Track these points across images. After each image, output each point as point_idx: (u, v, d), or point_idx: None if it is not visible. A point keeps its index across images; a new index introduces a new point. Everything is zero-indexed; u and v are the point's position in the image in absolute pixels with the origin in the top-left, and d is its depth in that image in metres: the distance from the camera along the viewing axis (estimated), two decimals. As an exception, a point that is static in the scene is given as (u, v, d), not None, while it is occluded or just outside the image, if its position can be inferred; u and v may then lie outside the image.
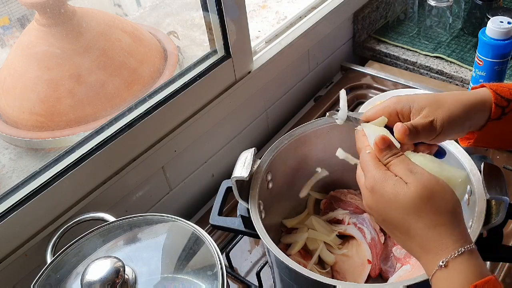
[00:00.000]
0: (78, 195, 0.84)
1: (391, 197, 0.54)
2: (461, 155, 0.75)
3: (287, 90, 1.24)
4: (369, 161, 0.58)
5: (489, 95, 0.64)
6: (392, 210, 0.54)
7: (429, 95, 0.64)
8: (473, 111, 0.63)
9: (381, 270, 0.83)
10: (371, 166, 0.57)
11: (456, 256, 0.50)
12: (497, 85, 0.65)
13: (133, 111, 0.90)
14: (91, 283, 0.59)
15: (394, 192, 0.54)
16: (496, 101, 0.63)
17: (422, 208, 0.52)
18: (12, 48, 0.95)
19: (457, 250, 0.50)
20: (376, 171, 0.56)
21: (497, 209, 0.67)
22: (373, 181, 0.56)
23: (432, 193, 0.53)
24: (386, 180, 0.55)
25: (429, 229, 0.52)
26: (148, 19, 1.23)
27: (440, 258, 0.51)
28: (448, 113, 0.61)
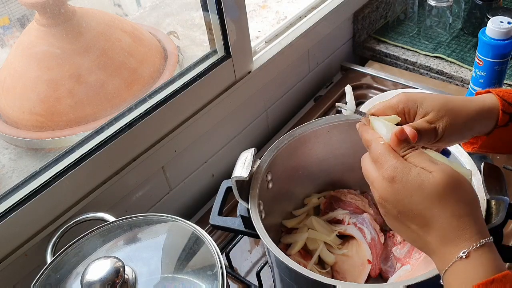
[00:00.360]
0: (78, 195, 0.84)
1: (415, 186, 0.53)
2: (461, 155, 0.75)
3: (287, 90, 1.24)
4: (385, 152, 0.56)
5: (496, 102, 0.64)
6: (415, 199, 0.53)
7: (439, 98, 0.63)
8: (478, 120, 0.63)
9: (381, 270, 0.83)
10: (390, 156, 0.55)
11: (478, 248, 0.50)
12: (503, 91, 0.65)
13: (133, 111, 0.90)
14: (91, 283, 0.59)
15: (420, 181, 0.53)
16: (503, 108, 0.63)
17: (448, 197, 0.52)
18: (12, 48, 0.95)
19: (479, 241, 0.50)
20: (396, 161, 0.55)
21: (497, 209, 0.67)
22: (393, 170, 0.54)
23: (457, 183, 0.52)
24: (409, 170, 0.53)
25: (454, 218, 0.51)
26: (148, 19, 1.23)
27: (461, 249, 0.50)
28: (452, 122, 0.61)
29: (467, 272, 0.50)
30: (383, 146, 0.57)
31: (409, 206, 0.53)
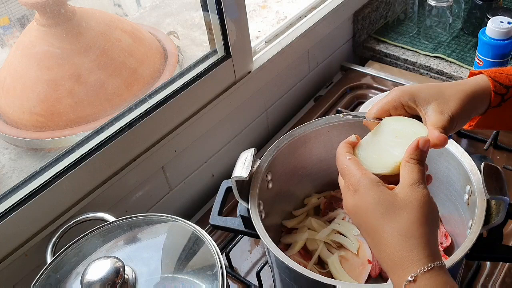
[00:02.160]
0: (78, 195, 0.84)
1: (374, 201, 0.54)
2: (461, 155, 0.75)
3: (287, 90, 1.24)
4: (352, 166, 0.58)
5: (488, 83, 0.64)
6: (370, 214, 0.54)
7: (431, 87, 0.63)
8: (476, 100, 0.63)
9: (381, 270, 0.83)
10: (356, 171, 0.57)
11: (426, 272, 0.49)
12: (495, 72, 0.65)
13: (133, 111, 0.90)
14: (91, 283, 0.59)
15: (379, 197, 0.54)
16: (495, 89, 0.64)
17: (402, 217, 0.52)
18: (12, 48, 0.95)
19: (427, 265, 0.50)
20: (362, 176, 0.56)
21: (497, 209, 0.67)
22: (357, 184, 0.56)
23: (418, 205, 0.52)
24: (373, 185, 0.55)
25: (402, 237, 0.51)
26: (148, 19, 1.23)
27: (409, 273, 0.50)
28: (459, 106, 0.61)
29: None
30: (350, 161, 0.58)
31: (365, 219, 0.54)
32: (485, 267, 0.87)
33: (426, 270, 0.49)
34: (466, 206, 0.74)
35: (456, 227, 0.80)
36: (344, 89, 1.28)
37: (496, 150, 1.07)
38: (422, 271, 0.49)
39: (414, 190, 0.53)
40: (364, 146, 0.63)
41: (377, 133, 0.64)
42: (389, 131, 0.63)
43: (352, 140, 0.63)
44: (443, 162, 0.79)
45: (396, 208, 0.53)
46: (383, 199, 0.53)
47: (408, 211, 0.52)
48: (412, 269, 0.50)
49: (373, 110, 0.65)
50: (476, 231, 0.65)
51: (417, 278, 0.49)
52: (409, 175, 0.55)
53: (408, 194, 0.53)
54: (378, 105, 0.64)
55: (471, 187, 0.71)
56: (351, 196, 0.56)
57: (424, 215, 0.52)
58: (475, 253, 0.67)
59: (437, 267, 0.50)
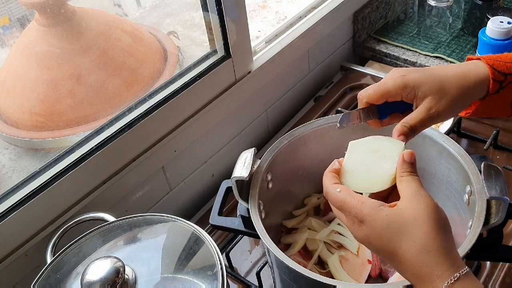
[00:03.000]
0: (78, 195, 0.84)
1: (384, 226, 0.53)
2: (461, 155, 0.75)
3: (287, 90, 1.24)
4: (346, 198, 0.56)
5: (487, 71, 0.64)
6: (384, 239, 0.53)
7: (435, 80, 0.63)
8: (474, 92, 0.64)
9: (381, 270, 0.83)
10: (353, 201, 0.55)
11: (453, 282, 0.49)
12: (494, 59, 0.65)
13: (133, 111, 0.90)
14: (91, 283, 0.59)
15: (387, 220, 0.53)
16: (493, 77, 0.64)
17: (415, 233, 0.51)
18: (12, 48, 0.95)
19: (453, 275, 0.49)
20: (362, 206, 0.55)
21: (497, 209, 0.67)
22: (360, 214, 0.54)
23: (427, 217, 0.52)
24: (377, 212, 0.54)
25: (422, 254, 0.51)
26: (148, 19, 1.23)
27: (437, 284, 0.49)
28: (451, 103, 0.62)
29: None
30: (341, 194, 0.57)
31: (381, 246, 0.54)
32: (485, 267, 0.87)
33: (453, 281, 0.49)
34: (466, 206, 0.74)
35: (456, 227, 0.80)
36: (344, 89, 1.28)
37: (496, 150, 1.07)
38: (449, 284, 0.49)
39: (418, 201, 0.53)
40: (350, 171, 0.62)
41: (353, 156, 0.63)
42: (366, 151, 0.62)
43: (336, 167, 0.62)
44: (443, 162, 0.79)
45: (407, 225, 0.52)
46: (391, 221, 0.53)
47: (420, 225, 0.51)
48: (440, 283, 0.49)
49: (367, 94, 0.65)
50: (476, 231, 0.65)
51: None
52: (407, 188, 0.55)
53: (414, 207, 0.53)
54: (374, 90, 0.64)
55: (471, 187, 0.71)
56: (358, 228, 0.55)
57: (436, 224, 0.52)
58: (475, 253, 0.67)
59: (463, 276, 0.49)
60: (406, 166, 0.57)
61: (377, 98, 0.65)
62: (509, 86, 0.65)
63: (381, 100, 0.65)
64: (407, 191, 0.55)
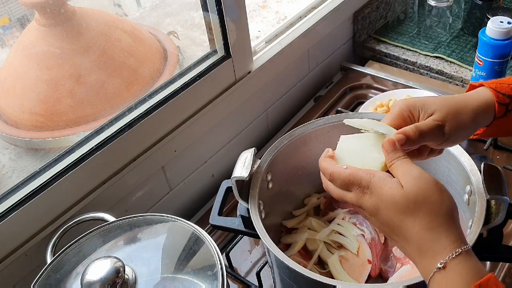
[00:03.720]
0: (78, 195, 0.84)
1: (389, 201, 0.54)
2: (461, 155, 0.75)
3: (287, 90, 1.24)
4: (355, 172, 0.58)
5: (491, 95, 0.64)
6: (390, 213, 0.54)
7: (440, 99, 0.64)
8: (480, 116, 0.64)
9: (381, 270, 0.83)
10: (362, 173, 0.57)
11: (454, 257, 0.50)
12: (496, 83, 0.66)
13: (133, 111, 0.90)
14: (91, 283, 0.59)
15: (392, 196, 0.54)
16: (498, 100, 0.64)
17: (418, 210, 0.53)
18: (12, 48, 0.95)
19: (454, 251, 0.51)
20: (371, 175, 0.56)
21: (497, 209, 0.67)
22: (370, 184, 0.56)
23: (428, 195, 0.53)
24: (383, 185, 0.55)
25: (426, 231, 0.52)
26: (148, 19, 1.23)
27: (438, 260, 0.51)
28: (458, 120, 0.62)
29: (447, 281, 0.51)
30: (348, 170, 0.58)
31: (387, 219, 0.55)
32: (485, 267, 0.87)
33: (455, 256, 0.51)
34: (466, 206, 0.74)
35: (456, 227, 0.80)
36: (344, 89, 1.28)
37: (496, 150, 1.07)
38: (450, 257, 0.50)
39: (417, 182, 0.54)
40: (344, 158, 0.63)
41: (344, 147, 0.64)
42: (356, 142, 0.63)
43: (330, 154, 0.64)
44: (443, 162, 0.79)
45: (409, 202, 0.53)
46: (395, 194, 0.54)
47: (425, 204, 0.53)
48: (441, 257, 0.51)
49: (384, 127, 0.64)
50: (476, 231, 0.65)
51: (446, 264, 0.51)
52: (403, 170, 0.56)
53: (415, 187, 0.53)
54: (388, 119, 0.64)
55: (471, 187, 0.71)
56: (368, 199, 0.56)
57: (440, 203, 0.53)
58: (475, 253, 0.67)
59: (465, 252, 0.51)
60: (391, 155, 0.58)
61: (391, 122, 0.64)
62: None
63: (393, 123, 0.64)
64: (403, 173, 0.55)
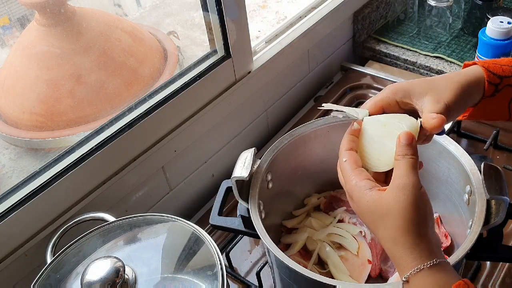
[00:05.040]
0: (78, 195, 0.84)
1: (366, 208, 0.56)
2: (461, 155, 0.75)
3: (287, 90, 1.24)
4: (347, 170, 0.59)
5: (482, 73, 0.64)
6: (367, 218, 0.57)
7: (426, 80, 0.63)
8: (471, 91, 0.64)
9: (381, 270, 0.83)
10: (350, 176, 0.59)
11: (416, 273, 0.52)
12: (489, 62, 0.65)
13: (133, 111, 0.90)
14: (91, 283, 0.59)
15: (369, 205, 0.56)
16: (488, 79, 0.64)
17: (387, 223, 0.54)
18: (12, 48, 0.95)
19: (416, 267, 0.52)
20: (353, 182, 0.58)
21: (497, 209, 0.67)
22: (351, 191, 0.58)
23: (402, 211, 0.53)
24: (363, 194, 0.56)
25: (392, 244, 0.54)
26: (148, 19, 1.23)
27: (403, 273, 0.53)
28: (454, 95, 0.61)
29: None
30: (346, 163, 0.60)
31: (366, 223, 0.58)
32: (485, 267, 0.87)
33: (416, 272, 0.52)
34: (466, 206, 0.74)
35: (456, 227, 0.80)
36: (344, 89, 1.28)
37: (496, 150, 1.07)
38: (412, 273, 0.52)
39: (399, 192, 0.54)
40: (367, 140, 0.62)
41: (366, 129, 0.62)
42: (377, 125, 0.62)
43: (355, 127, 0.63)
44: (443, 162, 0.79)
45: (382, 215, 0.55)
46: (371, 207, 0.56)
47: (392, 218, 0.54)
48: (405, 270, 0.53)
49: (366, 106, 0.65)
50: (476, 231, 0.65)
51: (409, 279, 0.52)
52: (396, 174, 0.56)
53: (393, 198, 0.54)
54: (370, 102, 0.64)
55: (471, 187, 0.71)
56: (350, 201, 0.60)
57: (408, 221, 0.53)
58: (475, 253, 0.67)
59: (427, 268, 0.51)
60: (401, 149, 0.57)
61: (372, 109, 0.64)
62: (505, 89, 0.65)
63: (379, 110, 0.64)
64: (394, 178, 0.56)
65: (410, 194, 0.54)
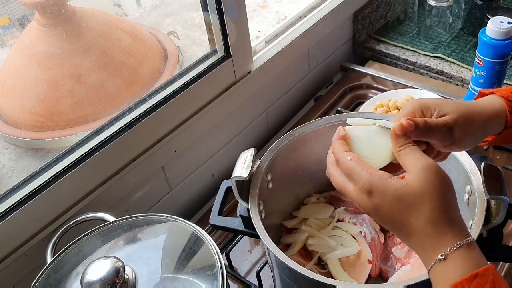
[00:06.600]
0: (78, 195, 0.84)
1: (393, 199, 0.54)
2: (461, 155, 0.75)
3: (287, 90, 1.24)
4: (357, 167, 0.57)
5: (503, 104, 0.64)
6: (394, 211, 0.54)
7: (454, 103, 0.63)
8: (490, 124, 0.64)
9: (381, 270, 0.83)
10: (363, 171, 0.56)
11: (455, 250, 0.51)
12: (507, 92, 0.65)
13: (133, 111, 0.90)
14: (91, 283, 0.59)
15: (396, 194, 0.53)
16: (510, 109, 0.64)
17: (423, 206, 0.53)
18: (12, 48, 0.95)
19: (456, 243, 0.51)
20: (371, 176, 0.55)
21: (497, 209, 0.67)
22: (370, 185, 0.55)
23: (433, 190, 0.53)
24: (386, 185, 0.54)
25: (430, 225, 0.53)
26: (148, 19, 1.23)
27: (440, 252, 0.52)
28: (468, 126, 0.61)
29: (446, 272, 0.52)
30: (352, 161, 0.57)
31: (390, 217, 0.55)
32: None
33: (456, 248, 0.51)
34: (466, 206, 0.74)
35: (456, 227, 0.80)
36: (344, 89, 1.28)
37: (496, 150, 1.07)
38: (451, 249, 0.51)
39: (425, 173, 0.53)
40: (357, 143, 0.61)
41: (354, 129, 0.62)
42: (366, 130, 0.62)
43: (342, 134, 0.62)
44: (443, 162, 0.79)
45: (416, 199, 0.53)
46: (401, 194, 0.53)
47: (427, 199, 0.53)
48: (443, 249, 0.52)
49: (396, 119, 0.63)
50: (476, 231, 0.65)
51: (447, 256, 0.51)
52: (411, 159, 0.55)
53: (421, 180, 0.53)
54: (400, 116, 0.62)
55: (471, 187, 0.71)
56: (367, 199, 0.55)
57: (443, 198, 0.53)
58: (475, 253, 0.67)
59: (466, 245, 0.51)
60: (400, 140, 0.57)
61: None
62: None
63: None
64: (411, 163, 0.55)
65: (437, 173, 0.54)
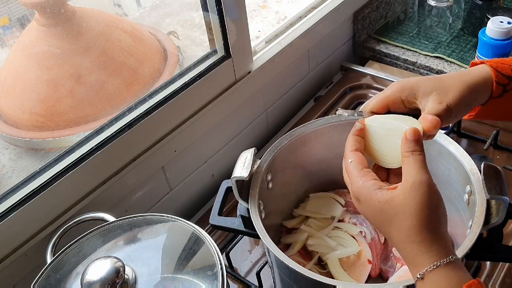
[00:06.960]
0: (78, 195, 0.84)
1: (377, 210, 0.55)
2: (461, 155, 0.75)
3: (287, 90, 1.24)
4: (354, 171, 0.58)
5: (490, 73, 0.64)
6: (378, 220, 0.56)
7: (432, 79, 0.63)
8: (477, 91, 0.63)
9: (381, 270, 0.83)
10: (356, 178, 0.58)
11: (432, 270, 0.51)
12: (497, 62, 0.65)
13: (133, 111, 0.90)
14: (91, 283, 0.59)
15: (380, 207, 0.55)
16: (497, 79, 0.63)
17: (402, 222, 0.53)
18: (12, 48, 0.95)
19: (432, 264, 0.51)
20: (361, 186, 0.57)
21: (497, 209, 0.67)
22: (358, 192, 0.57)
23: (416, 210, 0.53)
24: (371, 195, 0.55)
25: (408, 243, 0.53)
26: (148, 19, 1.23)
27: (418, 270, 0.52)
28: (459, 96, 0.61)
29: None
30: (351, 165, 0.59)
31: (375, 225, 0.58)
32: (485, 267, 0.87)
33: (432, 269, 0.51)
34: (466, 206, 0.74)
35: (456, 227, 0.80)
36: (344, 89, 1.28)
37: (496, 150, 1.07)
38: (428, 270, 0.51)
39: (413, 191, 0.54)
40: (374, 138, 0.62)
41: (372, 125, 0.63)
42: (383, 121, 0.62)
43: (358, 127, 0.62)
44: (443, 162, 0.79)
45: (396, 215, 0.54)
46: (383, 207, 0.55)
47: (407, 217, 0.53)
48: (420, 268, 0.52)
49: (370, 104, 0.64)
50: (476, 231, 0.65)
51: (424, 276, 0.52)
52: (408, 172, 0.55)
53: (407, 197, 0.53)
54: (376, 99, 0.64)
55: (471, 187, 0.71)
56: (356, 204, 0.59)
57: (423, 219, 0.53)
58: (475, 253, 0.67)
59: (444, 265, 0.51)
60: (408, 145, 0.57)
61: (378, 106, 0.64)
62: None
63: (384, 108, 0.64)
64: (407, 175, 0.55)
65: (424, 192, 0.53)
